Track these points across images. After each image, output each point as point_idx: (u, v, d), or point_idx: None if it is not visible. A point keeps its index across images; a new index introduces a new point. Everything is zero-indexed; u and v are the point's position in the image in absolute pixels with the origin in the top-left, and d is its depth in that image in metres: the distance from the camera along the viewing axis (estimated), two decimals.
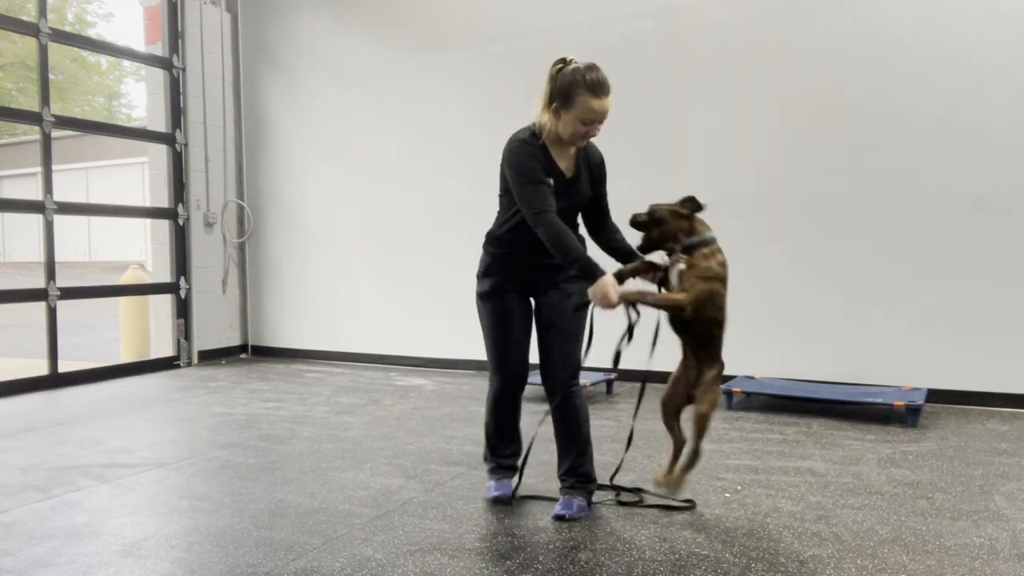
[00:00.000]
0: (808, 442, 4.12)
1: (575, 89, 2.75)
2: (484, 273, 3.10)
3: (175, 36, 6.89)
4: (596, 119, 2.79)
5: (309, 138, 7.17)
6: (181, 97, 6.94)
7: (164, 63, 6.86)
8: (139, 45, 7.06)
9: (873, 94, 5.13)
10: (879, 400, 4.60)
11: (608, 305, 2.72)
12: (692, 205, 2.89)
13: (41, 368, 6.02)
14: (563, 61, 2.83)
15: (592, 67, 2.79)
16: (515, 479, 3.23)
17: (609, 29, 5.86)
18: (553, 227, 2.76)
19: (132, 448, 4.12)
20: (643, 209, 2.98)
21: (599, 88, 2.76)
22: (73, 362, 6.66)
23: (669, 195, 3.12)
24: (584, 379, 5.25)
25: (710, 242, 2.87)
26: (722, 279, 2.85)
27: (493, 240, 3.08)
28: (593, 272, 2.73)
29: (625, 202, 3.26)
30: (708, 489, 3.34)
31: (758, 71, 5.44)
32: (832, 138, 5.25)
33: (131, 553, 2.71)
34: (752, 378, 5.36)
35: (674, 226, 2.89)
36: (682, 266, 2.85)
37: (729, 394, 4.97)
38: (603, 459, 3.65)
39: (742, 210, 5.50)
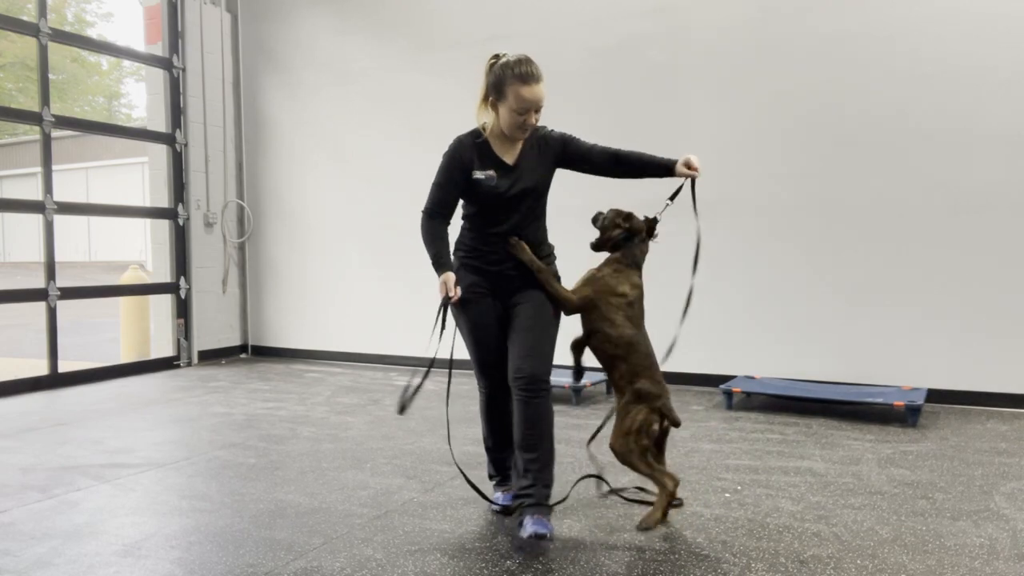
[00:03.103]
0: (808, 442, 4.12)
1: (505, 81, 2.79)
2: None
3: (175, 36, 6.89)
4: (529, 107, 2.80)
5: (309, 138, 7.17)
6: (181, 97, 6.94)
7: (164, 63, 6.86)
8: (139, 45, 7.06)
9: (873, 95, 5.13)
10: (879, 400, 4.60)
11: (446, 296, 2.95)
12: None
13: (41, 368, 6.02)
14: (496, 56, 2.87)
15: (522, 59, 2.82)
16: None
17: (608, 29, 5.86)
18: (425, 228, 2.98)
19: (132, 448, 4.12)
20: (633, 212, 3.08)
21: (528, 77, 2.78)
22: (73, 362, 6.66)
23: (667, 193, 3.13)
24: (586, 379, 5.23)
25: (607, 263, 3.04)
26: (612, 292, 2.94)
27: (459, 244, 3.08)
28: (439, 268, 2.95)
29: (622, 201, 3.27)
30: (708, 489, 3.34)
31: (757, 72, 5.43)
32: (831, 138, 5.25)
33: (131, 553, 2.71)
34: (752, 378, 5.36)
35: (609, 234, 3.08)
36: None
37: (729, 394, 4.97)
38: (603, 459, 3.65)
39: (742, 210, 5.51)
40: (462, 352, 3.13)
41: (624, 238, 3.01)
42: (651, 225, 3.05)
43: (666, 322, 3.19)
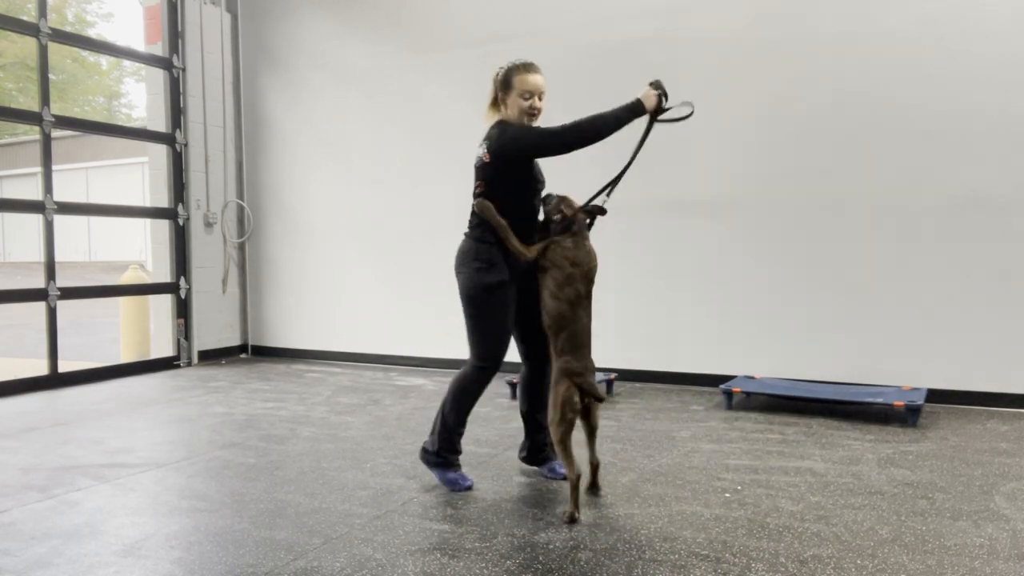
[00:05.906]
0: (808, 442, 4.12)
1: (511, 74, 3.25)
2: (491, 264, 3.19)
3: (175, 36, 6.89)
4: (534, 91, 3.22)
5: (309, 138, 7.17)
6: (181, 97, 6.94)
7: (164, 63, 6.86)
8: (139, 45, 7.06)
9: (872, 94, 5.13)
10: (879, 400, 4.60)
11: (653, 106, 3.24)
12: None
13: (41, 368, 6.02)
14: (500, 68, 3.35)
15: (524, 59, 3.29)
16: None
17: (607, 30, 5.85)
18: (579, 122, 3.08)
19: (132, 448, 4.12)
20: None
21: (531, 67, 3.26)
22: (73, 362, 6.66)
23: (667, 194, 3.13)
24: None
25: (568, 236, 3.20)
26: (566, 260, 3.09)
27: (485, 225, 3.23)
28: (636, 107, 3.22)
29: (622, 200, 3.29)
30: (708, 489, 3.34)
31: (757, 72, 5.43)
32: (831, 138, 5.25)
33: (131, 553, 2.72)
34: (752, 378, 5.36)
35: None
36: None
37: (729, 394, 4.97)
38: (603, 459, 3.65)
39: (741, 210, 5.51)
40: (455, 352, 3.14)
41: (565, 226, 3.16)
42: (593, 214, 3.23)
43: (665, 316, 3.18)
